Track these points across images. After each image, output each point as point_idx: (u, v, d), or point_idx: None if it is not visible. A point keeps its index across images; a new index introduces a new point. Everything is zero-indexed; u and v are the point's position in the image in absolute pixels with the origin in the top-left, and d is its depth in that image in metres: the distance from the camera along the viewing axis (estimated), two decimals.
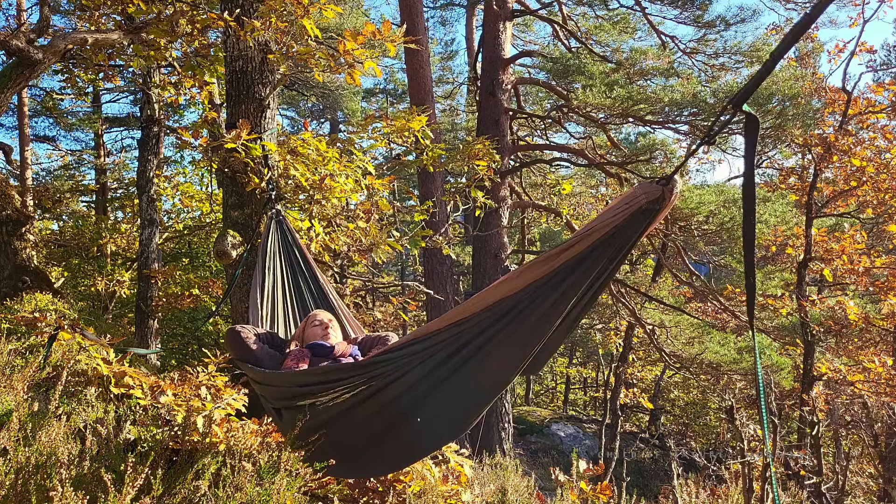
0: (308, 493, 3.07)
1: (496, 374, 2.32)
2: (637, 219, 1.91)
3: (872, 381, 9.13)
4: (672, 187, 1.85)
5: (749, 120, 1.63)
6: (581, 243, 1.99)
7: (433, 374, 2.30)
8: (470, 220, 10.47)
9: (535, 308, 2.11)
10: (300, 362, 2.89)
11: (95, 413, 2.97)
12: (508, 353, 2.22)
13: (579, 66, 10.58)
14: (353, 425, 2.53)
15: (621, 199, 1.94)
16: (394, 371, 2.34)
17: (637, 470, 13.79)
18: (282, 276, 3.75)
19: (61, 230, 13.38)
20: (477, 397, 2.38)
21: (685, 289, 13.11)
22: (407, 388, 2.35)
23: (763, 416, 1.78)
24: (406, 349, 2.33)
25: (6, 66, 4.68)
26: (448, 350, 2.26)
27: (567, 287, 2.06)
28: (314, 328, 3.16)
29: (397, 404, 2.39)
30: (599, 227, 1.95)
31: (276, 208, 4.04)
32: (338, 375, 2.51)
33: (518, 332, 2.15)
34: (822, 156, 10.24)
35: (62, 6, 10.72)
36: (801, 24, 1.58)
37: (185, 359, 9.71)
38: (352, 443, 2.61)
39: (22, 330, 3.76)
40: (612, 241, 1.97)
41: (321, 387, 2.54)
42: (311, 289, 3.76)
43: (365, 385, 2.41)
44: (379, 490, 3.28)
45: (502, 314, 2.15)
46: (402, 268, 21.13)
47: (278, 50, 4.42)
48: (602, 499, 4.07)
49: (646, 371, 17.97)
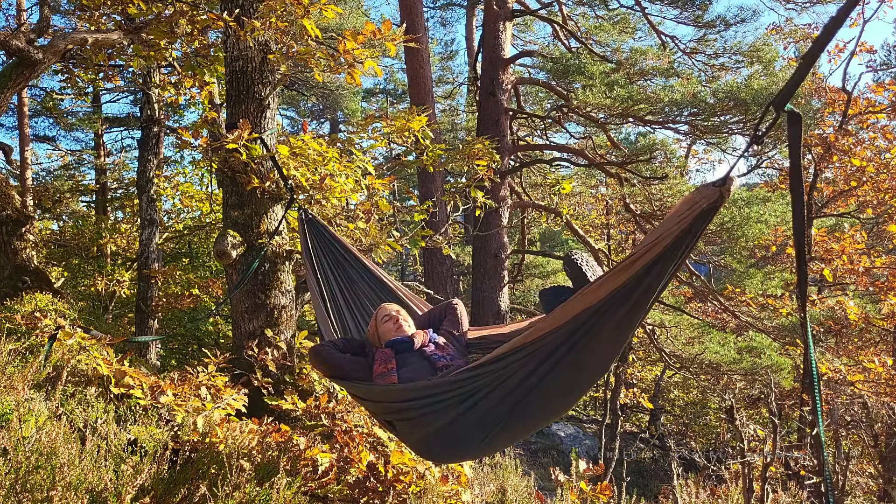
0: (308, 493, 3.07)
1: (588, 372, 2.53)
2: (698, 221, 2.02)
3: (872, 381, 9.12)
4: (728, 186, 1.95)
5: (791, 117, 1.73)
6: (652, 251, 2.11)
7: (529, 378, 2.45)
8: (470, 220, 10.47)
9: (615, 313, 2.27)
10: (388, 364, 2.87)
11: (95, 413, 2.97)
12: (596, 353, 2.41)
13: (579, 66, 10.58)
14: (463, 431, 2.63)
15: (682, 205, 2.04)
16: (491, 383, 2.48)
17: (637, 470, 13.78)
18: (335, 277, 3.58)
19: (61, 230, 13.37)
20: (572, 390, 2.61)
21: (685, 289, 13.12)
22: (505, 394, 2.49)
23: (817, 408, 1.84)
24: (500, 362, 2.46)
25: (6, 66, 4.68)
26: (540, 356, 2.41)
27: (642, 291, 2.21)
28: (385, 324, 3.08)
29: (499, 409, 2.53)
30: (666, 234, 2.06)
31: (303, 208, 3.77)
32: (435, 391, 2.61)
33: (602, 335, 2.33)
34: (822, 156, 10.24)
35: (62, 6, 10.73)
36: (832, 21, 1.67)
37: (185, 359, 9.70)
38: (463, 443, 2.71)
39: (22, 330, 3.76)
40: (678, 245, 2.10)
41: (422, 401, 2.62)
42: (365, 279, 3.59)
43: (465, 397, 2.53)
44: (379, 490, 3.28)
45: (585, 321, 2.31)
46: (402, 268, 21.14)
47: (278, 50, 4.42)
48: (602, 499, 4.07)
49: (646, 371, 17.96)
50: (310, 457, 3.24)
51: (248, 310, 4.81)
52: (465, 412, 2.54)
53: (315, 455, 3.25)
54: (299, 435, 3.42)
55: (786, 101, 1.71)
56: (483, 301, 11.33)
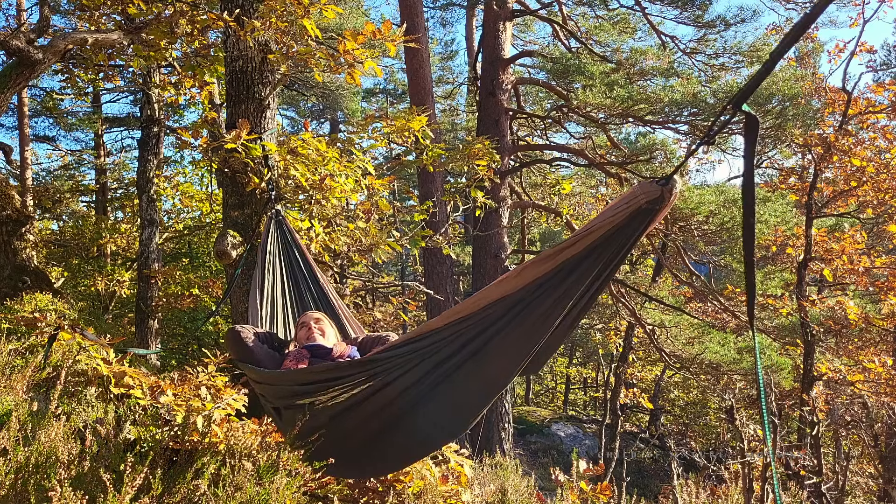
0: (308, 493, 3.07)
1: (497, 373, 2.31)
2: (637, 219, 1.91)
3: (872, 381, 9.12)
4: (672, 187, 1.85)
5: (749, 120, 1.63)
6: (581, 242, 1.98)
7: (433, 372, 2.30)
8: (470, 220, 10.47)
9: (536, 307, 2.10)
10: (299, 363, 2.89)
11: (95, 413, 2.97)
12: (509, 351, 2.22)
13: (579, 66, 10.58)
14: (353, 425, 2.52)
15: (621, 199, 1.93)
16: (394, 369, 2.34)
17: (637, 470, 13.79)
18: (281, 277, 3.74)
19: (61, 230, 13.38)
20: (478, 396, 2.38)
21: (685, 289, 13.11)
22: (407, 386, 2.34)
23: (764, 415, 1.78)
24: (406, 347, 2.33)
25: (6, 66, 4.68)
26: (449, 349, 2.26)
27: (567, 286, 2.06)
28: (300, 331, 3.19)
29: (397, 403, 2.38)
30: (599, 226, 1.95)
31: (276, 208, 4.03)
32: (337, 374, 2.50)
33: (518, 330, 2.15)
34: (822, 156, 10.24)
35: (62, 6, 10.72)
36: (800, 24, 1.58)
37: (185, 359, 9.70)
38: (352, 442, 2.60)
39: (22, 330, 3.76)
40: (612, 241, 1.97)
41: (321, 385, 2.53)
42: (311, 289, 3.75)
43: (365, 384, 2.40)
44: (379, 490, 3.28)
45: (503, 313, 2.15)
46: (402, 268, 21.13)
47: (278, 50, 4.42)
48: (602, 499, 4.07)
49: (646, 371, 17.97)
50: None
51: (247, 310, 4.81)
52: (358, 403, 2.41)
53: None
54: None
55: (744, 101, 1.60)
56: None
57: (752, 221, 1.70)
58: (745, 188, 1.70)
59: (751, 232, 1.72)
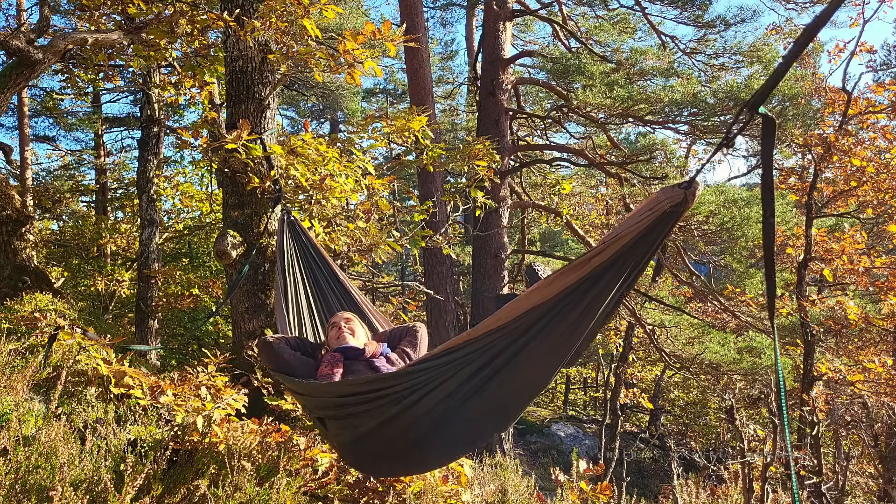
0: (308, 493, 3.07)
1: (531, 379, 2.40)
2: (661, 223, 1.96)
3: (872, 381, 9.12)
4: (694, 190, 1.90)
5: (766, 122, 1.68)
6: (609, 249, 2.03)
7: (471, 380, 2.36)
8: (470, 220, 10.47)
9: (567, 314, 2.17)
10: (334, 367, 2.86)
11: (95, 413, 2.97)
12: (543, 358, 2.30)
13: (579, 66, 10.58)
14: (396, 433, 2.56)
15: (645, 205, 1.98)
16: (434, 379, 2.40)
17: (637, 470, 13.79)
18: (303, 280, 3.66)
19: (61, 230, 13.37)
20: (514, 401, 2.48)
21: (685, 289, 13.11)
22: (447, 395, 2.41)
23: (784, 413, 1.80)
24: (444, 357, 2.38)
25: (6, 66, 4.68)
26: (484, 358, 2.32)
27: (595, 293, 2.12)
28: (330, 331, 3.14)
29: (438, 410, 2.45)
30: (625, 232, 2.00)
31: (285, 209, 3.90)
32: (378, 385, 2.53)
33: (551, 338, 2.22)
34: (822, 156, 10.23)
35: (62, 6, 10.72)
36: (812, 26, 1.62)
37: (185, 359, 9.70)
38: (394, 448, 2.65)
39: (22, 330, 3.76)
40: (637, 247, 2.03)
41: (363, 397, 2.56)
42: (333, 288, 3.67)
43: (406, 394, 2.45)
44: (379, 490, 3.28)
45: (535, 321, 2.22)
46: (402, 268, 21.13)
47: (278, 50, 4.42)
48: (602, 499, 4.07)
49: (646, 371, 17.97)
50: (310, 457, 3.24)
51: (248, 310, 4.82)
52: (401, 412, 2.46)
53: (315, 455, 3.25)
54: (299, 435, 3.43)
55: (760, 103, 1.65)
56: (483, 301, 11.33)
57: (772, 221, 1.74)
58: (765, 186, 1.75)
59: (770, 230, 1.75)
